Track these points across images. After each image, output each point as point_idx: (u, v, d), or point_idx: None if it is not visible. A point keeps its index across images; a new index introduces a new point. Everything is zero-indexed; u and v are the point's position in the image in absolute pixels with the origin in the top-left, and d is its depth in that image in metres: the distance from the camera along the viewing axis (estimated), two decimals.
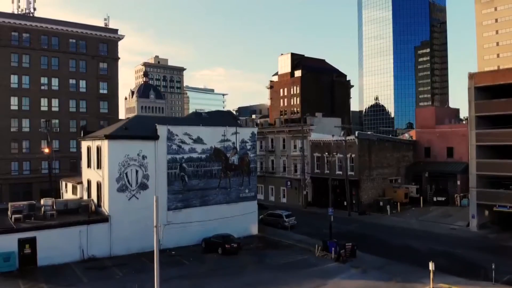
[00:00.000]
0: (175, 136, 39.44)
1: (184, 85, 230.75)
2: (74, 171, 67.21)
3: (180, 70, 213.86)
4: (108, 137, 35.92)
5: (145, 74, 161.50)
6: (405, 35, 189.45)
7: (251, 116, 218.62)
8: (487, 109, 45.26)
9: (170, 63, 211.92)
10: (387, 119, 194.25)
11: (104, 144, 36.27)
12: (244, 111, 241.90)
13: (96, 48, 73.78)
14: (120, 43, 77.30)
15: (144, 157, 37.50)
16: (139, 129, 38.67)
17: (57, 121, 70.16)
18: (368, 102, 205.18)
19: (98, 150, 37.73)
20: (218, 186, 42.39)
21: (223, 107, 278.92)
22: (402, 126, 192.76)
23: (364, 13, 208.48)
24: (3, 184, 65.21)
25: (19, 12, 70.51)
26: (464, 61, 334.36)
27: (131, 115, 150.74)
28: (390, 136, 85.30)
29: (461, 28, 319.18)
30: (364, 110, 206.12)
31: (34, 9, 71.25)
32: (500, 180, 45.10)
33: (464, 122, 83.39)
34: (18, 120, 67.19)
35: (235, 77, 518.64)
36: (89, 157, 40.37)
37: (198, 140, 41.00)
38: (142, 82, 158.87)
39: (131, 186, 36.70)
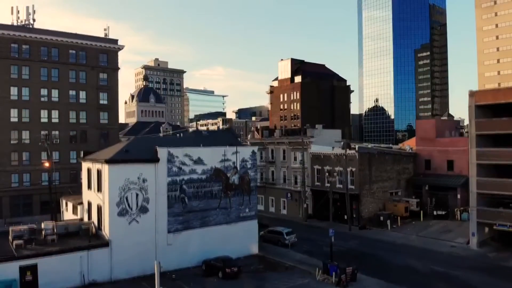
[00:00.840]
0: (176, 158, 39.39)
1: (184, 87, 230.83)
2: (74, 182, 67.35)
3: (180, 72, 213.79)
4: (108, 161, 35.85)
5: (145, 78, 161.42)
6: (405, 38, 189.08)
7: (251, 118, 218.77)
8: (488, 128, 45.14)
9: (169, 62, 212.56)
10: (387, 122, 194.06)
11: (105, 169, 36.23)
12: (244, 112, 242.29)
13: (96, 59, 73.74)
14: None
15: (144, 180, 37.46)
16: (139, 151, 38.61)
17: (57, 132, 70.21)
18: (368, 104, 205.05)
19: (99, 173, 37.71)
20: (219, 207, 42.36)
21: (223, 109, 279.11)
22: (402, 128, 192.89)
23: (364, 15, 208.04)
24: (4, 196, 65.25)
25: (19, 24, 70.29)
26: (464, 62, 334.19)
27: (131, 119, 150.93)
28: (391, 144, 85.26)
29: (461, 29, 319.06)
30: (364, 113, 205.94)
31: (34, 20, 70.95)
32: (500, 198, 45.06)
33: (465, 131, 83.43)
34: (18, 132, 67.21)
35: (235, 76, 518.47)
36: (90, 179, 40.35)
37: (199, 161, 40.95)
38: (142, 86, 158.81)
39: (131, 210, 36.68)
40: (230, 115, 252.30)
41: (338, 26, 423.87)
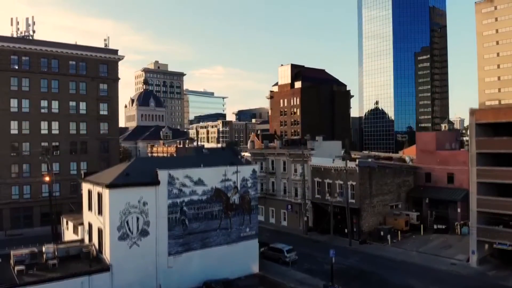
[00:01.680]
0: (176, 180, 39.34)
1: (184, 88, 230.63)
2: (74, 194, 67.39)
3: (180, 75, 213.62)
4: (109, 186, 35.80)
5: (145, 82, 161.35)
6: (405, 41, 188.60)
7: (252, 120, 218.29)
8: (489, 147, 45.11)
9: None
10: (387, 125, 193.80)
11: (105, 193, 36.17)
12: (244, 114, 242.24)
13: (96, 69, 73.66)
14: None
15: (145, 204, 37.42)
16: (140, 174, 38.51)
17: (57, 143, 70.16)
18: (368, 106, 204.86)
19: (99, 196, 37.65)
20: (219, 227, 42.31)
21: (223, 110, 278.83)
22: (402, 129, 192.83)
23: (364, 15, 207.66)
24: (4, 208, 65.29)
25: (19, 35, 70.15)
26: (464, 62, 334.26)
27: (131, 123, 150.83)
28: (391, 153, 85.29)
29: (461, 30, 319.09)
30: (364, 115, 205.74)
31: (34, 31, 70.85)
32: (501, 216, 45.09)
33: (465, 139, 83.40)
34: (18, 144, 67.18)
35: (235, 75, 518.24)
36: (90, 200, 40.28)
37: (199, 182, 40.90)
38: (142, 90, 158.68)
39: (132, 234, 36.66)
40: (230, 116, 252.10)
41: (338, 26, 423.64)
